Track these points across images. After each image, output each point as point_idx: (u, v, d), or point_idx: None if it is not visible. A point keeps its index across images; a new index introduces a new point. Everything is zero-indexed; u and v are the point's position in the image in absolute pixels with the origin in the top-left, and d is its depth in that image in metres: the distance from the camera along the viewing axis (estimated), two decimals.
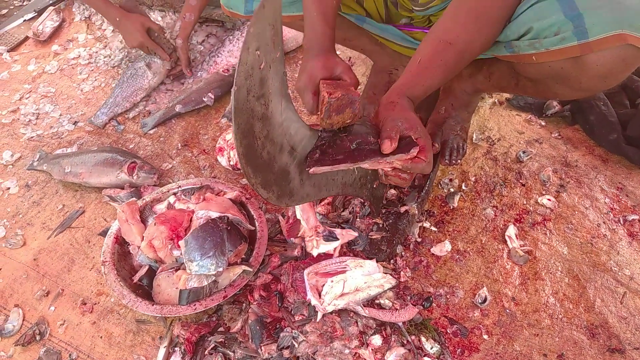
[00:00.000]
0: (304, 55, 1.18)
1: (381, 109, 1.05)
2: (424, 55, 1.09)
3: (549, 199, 1.47)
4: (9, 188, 1.66)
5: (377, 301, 1.25)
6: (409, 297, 1.28)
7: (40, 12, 2.36)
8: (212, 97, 1.86)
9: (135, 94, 1.90)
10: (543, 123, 1.71)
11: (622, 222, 1.42)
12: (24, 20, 2.36)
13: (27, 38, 2.30)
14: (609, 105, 1.63)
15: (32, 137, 1.84)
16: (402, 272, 1.32)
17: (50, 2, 2.40)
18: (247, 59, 0.85)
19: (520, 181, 1.53)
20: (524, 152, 1.60)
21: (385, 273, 1.28)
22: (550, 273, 1.32)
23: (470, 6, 1.06)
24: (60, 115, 1.91)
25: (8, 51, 2.24)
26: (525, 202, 1.48)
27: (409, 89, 1.08)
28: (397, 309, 1.23)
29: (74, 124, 1.88)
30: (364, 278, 1.24)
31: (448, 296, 1.28)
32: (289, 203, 1.09)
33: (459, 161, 1.50)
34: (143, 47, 1.89)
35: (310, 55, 1.14)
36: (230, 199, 1.41)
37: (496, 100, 1.79)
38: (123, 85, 1.90)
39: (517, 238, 1.38)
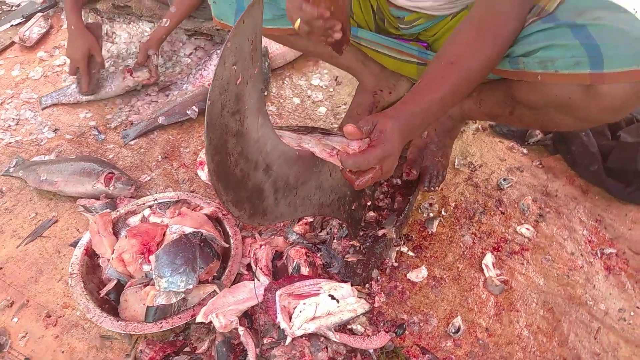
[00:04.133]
0: None
1: (375, 115, 0.97)
2: (427, 76, 1.04)
3: (527, 228, 1.46)
4: None
5: (349, 326, 1.22)
6: (382, 324, 1.25)
7: (28, 18, 2.34)
8: (196, 110, 1.84)
9: (81, 95, 1.96)
10: (525, 151, 1.72)
11: (599, 255, 1.41)
12: (11, 25, 2.34)
13: (12, 43, 2.27)
14: (590, 136, 1.63)
15: (10, 143, 1.81)
16: (376, 297, 1.30)
17: (39, 8, 2.39)
18: (223, 74, 0.83)
19: (500, 209, 1.53)
20: (504, 180, 1.59)
21: (360, 297, 1.26)
22: (526, 304, 1.30)
23: (472, 24, 1.03)
24: (41, 122, 1.89)
25: None
26: (503, 231, 1.47)
27: (414, 107, 0.99)
28: (369, 335, 1.20)
29: (54, 131, 1.85)
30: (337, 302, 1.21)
31: (421, 324, 1.26)
32: (262, 222, 1.07)
33: (437, 188, 1.49)
34: (75, 63, 1.89)
35: None
36: (206, 215, 1.39)
37: (479, 126, 1.79)
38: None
39: (494, 267, 1.37)
